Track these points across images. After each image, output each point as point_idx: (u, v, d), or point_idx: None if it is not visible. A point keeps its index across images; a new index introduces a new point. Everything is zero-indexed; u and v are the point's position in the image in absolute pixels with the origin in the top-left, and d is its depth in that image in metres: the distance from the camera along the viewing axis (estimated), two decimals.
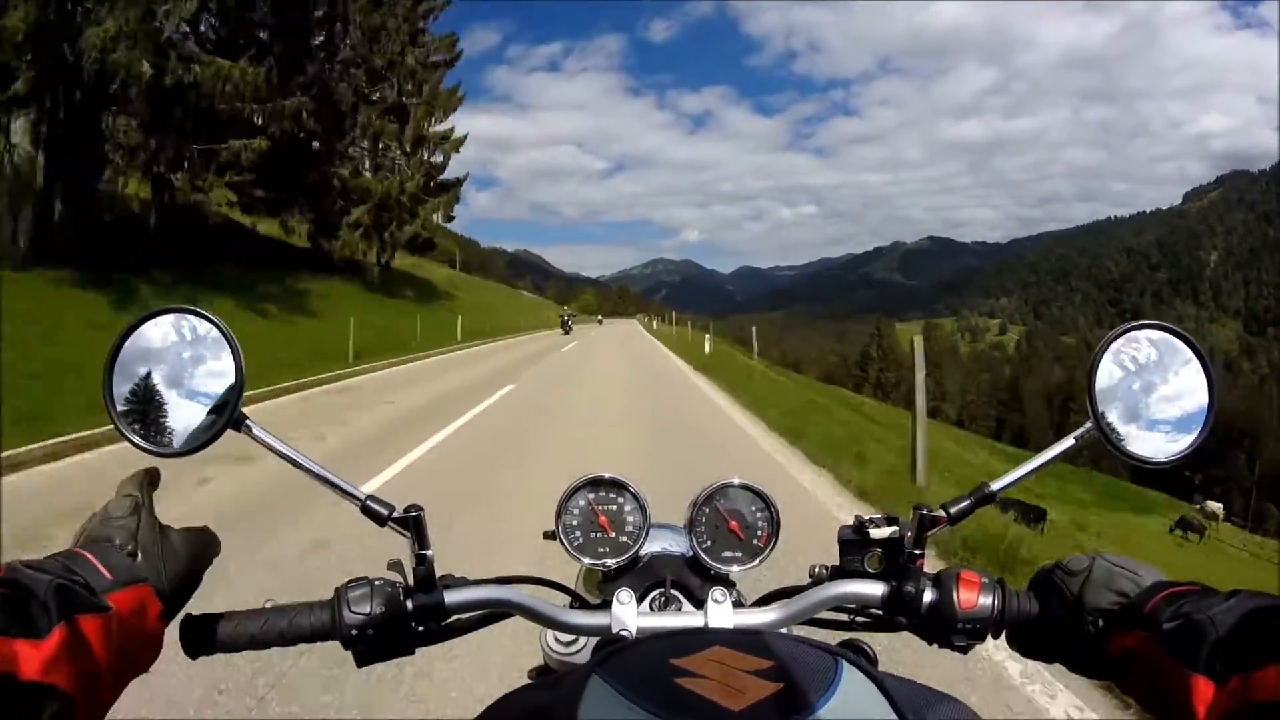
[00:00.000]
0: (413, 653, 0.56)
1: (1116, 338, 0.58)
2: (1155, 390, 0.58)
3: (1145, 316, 0.66)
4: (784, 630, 0.59)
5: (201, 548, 0.53)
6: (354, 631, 0.53)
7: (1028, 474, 0.60)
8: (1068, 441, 0.59)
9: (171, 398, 0.54)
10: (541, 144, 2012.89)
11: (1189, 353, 0.58)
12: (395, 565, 0.57)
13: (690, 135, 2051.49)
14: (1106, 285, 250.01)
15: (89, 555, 0.45)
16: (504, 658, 2.31)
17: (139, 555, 0.48)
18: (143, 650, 0.46)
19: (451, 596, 0.57)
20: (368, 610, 0.53)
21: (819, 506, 4.73)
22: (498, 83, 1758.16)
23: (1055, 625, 0.53)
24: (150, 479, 0.53)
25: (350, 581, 0.55)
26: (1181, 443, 0.57)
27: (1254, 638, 0.38)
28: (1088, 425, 0.57)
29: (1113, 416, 0.58)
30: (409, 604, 0.55)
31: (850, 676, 0.38)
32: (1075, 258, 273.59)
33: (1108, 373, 0.58)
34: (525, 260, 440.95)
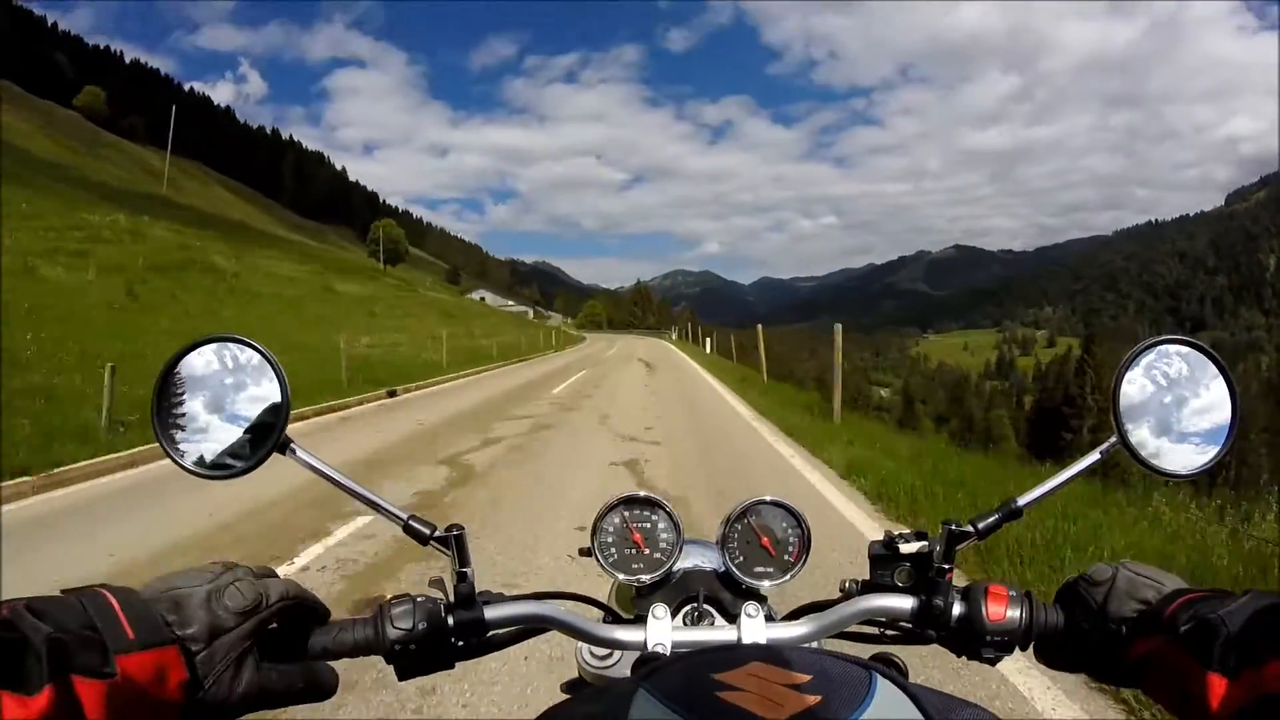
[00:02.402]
0: (453, 666, 0.57)
1: (1139, 354, 0.59)
2: (1178, 405, 0.59)
3: (1208, 324, 0.63)
4: (816, 645, 0.61)
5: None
6: (397, 647, 0.54)
7: (1054, 489, 0.59)
8: (1093, 456, 0.59)
9: (218, 423, 0.55)
10: (559, 156, 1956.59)
11: (1212, 367, 0.59)
12: (436, 583, 0.59)
13: (710, 146, 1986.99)
14: (1162, 292, 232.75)
15: (112, 600, 0.39)
16: None
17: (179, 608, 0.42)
18: None
19: (491, 612, 0.58)
20: (410, 626, 0.54)
21: None
22: (515, 95, 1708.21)
23: (1080, 635, 0.53)
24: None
25: (393, 598, 0.56)
26: (1204, 456, 0.58)
27: (1264, 633, 0.40)
28: (1112, 439, 0.58)
29: (1137, 430, 0.58)
30: (449, 620, 0.56)
31: (883, 688, 0.39)
32: (1121, 263, 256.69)
33: (1137, 386, 0.58)
34: (539, 270, 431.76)
